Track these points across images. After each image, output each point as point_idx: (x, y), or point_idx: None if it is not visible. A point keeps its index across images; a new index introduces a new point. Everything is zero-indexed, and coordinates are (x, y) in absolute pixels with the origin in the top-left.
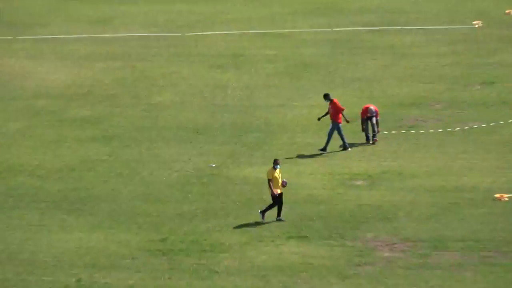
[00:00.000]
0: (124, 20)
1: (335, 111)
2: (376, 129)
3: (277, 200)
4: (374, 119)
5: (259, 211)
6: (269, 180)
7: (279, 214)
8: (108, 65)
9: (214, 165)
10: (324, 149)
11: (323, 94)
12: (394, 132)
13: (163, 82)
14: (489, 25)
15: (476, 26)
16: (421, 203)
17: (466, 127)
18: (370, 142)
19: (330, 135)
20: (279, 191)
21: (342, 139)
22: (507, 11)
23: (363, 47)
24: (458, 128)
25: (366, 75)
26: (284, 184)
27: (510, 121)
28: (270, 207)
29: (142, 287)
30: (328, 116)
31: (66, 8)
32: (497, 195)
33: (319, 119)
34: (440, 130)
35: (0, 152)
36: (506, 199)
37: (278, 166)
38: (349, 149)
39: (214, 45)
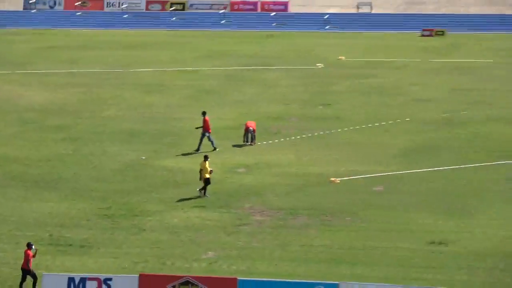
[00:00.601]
0: (86, 61)
1: (205, 125)
2: (254, 141)
3: (206, 182)
4: (252, 134)
5: (199, 190)
6: (201, 170)
7: (205, 191)
8: (75, 90)
9: (143, 158)
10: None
11: (201, 111)
12: (264, 136)
13: (110, 102)
14: (327, 66)
15: (319, 67)
16: (281, 184)
17: (312, 134)
18: (248, 144)
19: (210, 139)
20: (207, 176)
21: (200, 144)
22: (339, 57)
23: (244, 80)
24: (306, 135)
25: (246, 99)
26: (210, 172)
27: (339, 130)
28: (205, 187)
29: (94, 240)
30: (203, 127)
31: (47, 52)
32: (332, 179)
33: (196, 128)
34: (296, 137)
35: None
36: (338, 181)
37: (208, 159)
38: (199, 151)
39: (145, 77)
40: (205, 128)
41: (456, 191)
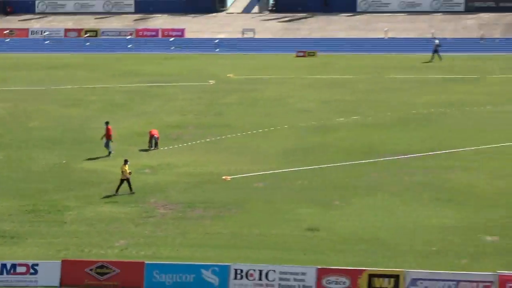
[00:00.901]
0: (14, 80)
1: (107, 133)
2: (157, 146)
3: (123, 182)
4: (155, 140)
5: (116, 191)
6: (122, 171)
7: (131, 189)
8: (4, 105)
9: (64, 161)
10: (109, 154)
11: (105, 121)
12: (165, 142)
13: (37, 115)
14: (218, 82)
15: (211, 83)
16: (181, 182)
17: (206, 140)
18: (152, 148)
19: (107, 145)
20: (127, 176)
21: (108, 149)
22: (228, 74)
23: (148, 95)
24: (201, 141)
25: (150, 111)
26: (130, 173)
27: (229, 136)
28: (119, 186)
29: (22, 232)
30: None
31: None
32: (224, 177)
33: (101, 138)
34: (193, 142)
35: None
36: (229, 179)
37: (128, 163)
38: (110, 155)
39: (67, 93)
40: (107, 136)
41: (328, 186)
